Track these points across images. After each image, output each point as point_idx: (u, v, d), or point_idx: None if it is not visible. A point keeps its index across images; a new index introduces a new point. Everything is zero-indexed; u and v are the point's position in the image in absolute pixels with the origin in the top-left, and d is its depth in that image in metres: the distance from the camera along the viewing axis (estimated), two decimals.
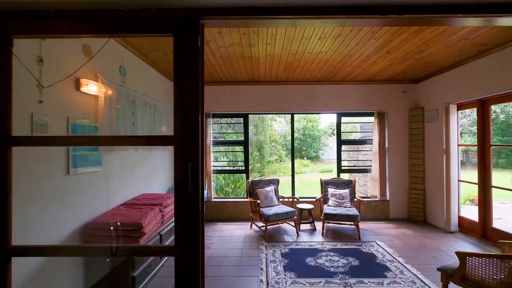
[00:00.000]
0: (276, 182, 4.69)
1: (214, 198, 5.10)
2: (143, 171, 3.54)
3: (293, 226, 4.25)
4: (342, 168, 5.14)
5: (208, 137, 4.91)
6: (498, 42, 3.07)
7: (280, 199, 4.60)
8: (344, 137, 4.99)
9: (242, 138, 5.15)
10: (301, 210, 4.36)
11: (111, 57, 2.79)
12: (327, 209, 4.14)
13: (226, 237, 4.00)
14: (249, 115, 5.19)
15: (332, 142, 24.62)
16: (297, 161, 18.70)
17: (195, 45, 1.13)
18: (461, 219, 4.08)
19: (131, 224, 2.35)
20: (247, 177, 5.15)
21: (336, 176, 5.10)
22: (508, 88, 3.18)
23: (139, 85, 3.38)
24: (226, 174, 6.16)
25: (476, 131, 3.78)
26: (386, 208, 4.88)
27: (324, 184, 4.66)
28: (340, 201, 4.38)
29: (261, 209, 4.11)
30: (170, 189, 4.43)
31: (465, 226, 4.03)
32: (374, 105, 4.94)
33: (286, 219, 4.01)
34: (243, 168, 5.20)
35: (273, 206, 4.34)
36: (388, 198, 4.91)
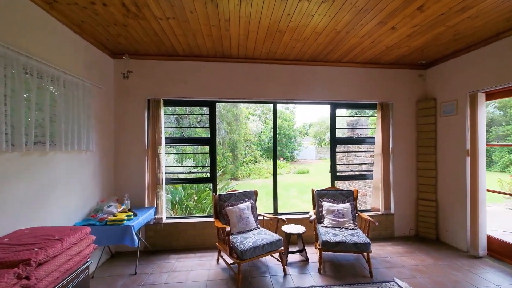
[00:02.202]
0: (253, 195, 3.40)
1: (167, 218, 3.67)
2: (24, 190, 2.02)
3: (278, 260, 3.01)
4: (338, 174, 4.03)
5: (157, 134, 3.47)
6: None
7: (259, 217, 3.34)
8: (339, 133, 3.91)
9: (208, 135, 3.78)
10: (289, 235, 3.14)
11: None
12: (324, 233, 2.97)
13: (178, 285, 2.62)
14: (217, 103, 3.84)
15: (307, 142, 24.19)
16: (272, 162, 17.69)
17: None
18: (489, 240, 3.18)
19: None
20: (214, 189, 3.79)
21: (330, 186, 3.98)
22: None
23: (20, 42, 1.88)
24: (187, 184, 4.71)
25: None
26: (391, 224, 3.88)
27: (317, 197, 3.50)
28: (339, 220, 3.24)
29: (232, 238, 2.80)
30: (91, 211, 2.91)
31: (495, 249, 3.13)
32: (377, 94, 3.90)
33: (270, 252, 2.74)
34: (209, 175, 3.83)
35: (250, 230, 3.06)
36: (392, 211, 3.91)
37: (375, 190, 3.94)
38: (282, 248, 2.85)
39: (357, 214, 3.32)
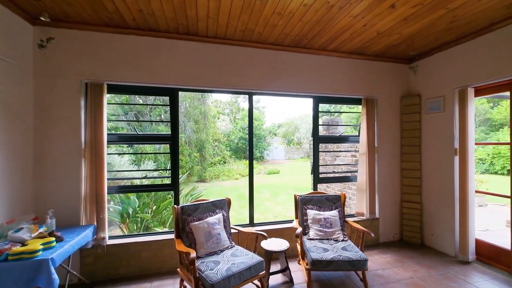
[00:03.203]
0: (225, 205, 2.77)
1: (113, 238, 2.84)
2: None
3: (257, 287, 2.42)
4: (321, 176, 3.60)
5: (99, 128, 2.63)
6: None
7: (233, 230, 2.72)
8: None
9: (169, 131, 3.05)
10: (271, 253, 2.58)
11: None
12: (312, 249, 2.48)
13: None
14: (180, 92, 3.11)
15: (276, 142, 24.11)
16: (242, 163, 17.11)
17: None
18: (477, 244, 3.02)
19: None
20: (175, 199, 3.06)
21: (313, 189, 3.54)
22: None
23: None
24: (142, 192, 3.79)
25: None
26: (376, 229, 3.57)
27: (301, 204, 3.01)
28: (327, 230, 2.78)
29: (199, 264, 2.14)
30: None
31: (483, 253, 2.97)
32: (362, 88, 3.57)
33: (249, 279, 2.15)
34: (169, 180, 3.08)
35: (222, 251, 2.42)
36: (377, 215, 3.61)
37: (359, 193, 3.60)
38: (264, 272, 2.27)
39: (345, 222, 2.91)
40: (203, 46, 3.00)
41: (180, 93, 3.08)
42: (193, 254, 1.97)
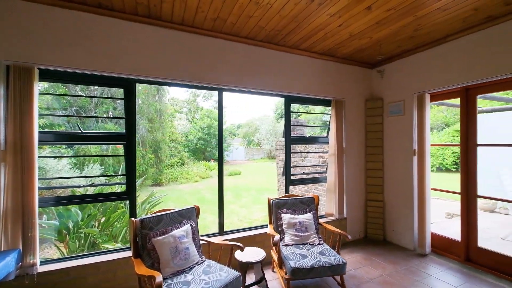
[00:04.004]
0: (193, 214, 2.44)
1: (48, 262, 2.26)
2: None
3: None
4: (292, 178, 3.50)
5: (29, 125, 2.05)
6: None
7: (202, 242, 2.42)
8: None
9: (120, 130, 2.57)
10: (246, 265, 2.34)
11: None
12: (290, 257, 2.33)
13: None
14: (137, 84, 2.66)
15: (236, 143, 23.89)
16: (201, 164, 16.40)
17: None
18: (432, 237, 3.28)
19: None
20: (132, 210, 2.60)
21: (285, 192, 3.42)
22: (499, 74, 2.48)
23: None
24: (87, 203, 3.05)
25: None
26: (344, 228, 3.63)
27: (275, 208, 2.85)
28: (302, 235, 2.68)
29: (165, 286, 1.79)
30: None
31: (438, 246, 3.24)
32: (332, 90, 3.60)
33: None
34: (124, 187, 2.60)
35: (192, 267, 2.11)
36: (345, 215, 3.68)
37: (329, 194, 3.62)
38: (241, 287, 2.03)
39: (319, 225, 2.85)
40: (167, 33, 2.62)
41: (137, 86, 2.63)
42: (159, 278, 1.63)
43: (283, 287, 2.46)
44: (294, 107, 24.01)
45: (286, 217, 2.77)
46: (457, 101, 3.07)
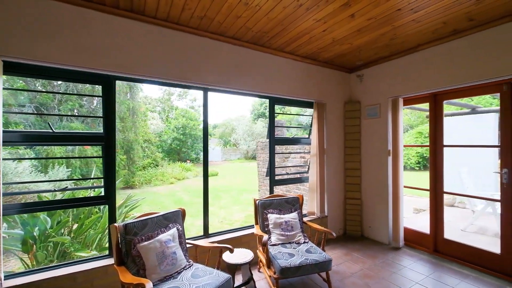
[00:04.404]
0: (179, 217, 2.37)
1: (12, 276, 2.03)
2: None
3: None
4: (276, 178, 3.55)
5: None
6: (485, 18, 2.49)
7: (188, 245, 2.36)
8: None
9: (101, 130, 2.41)
10: (235, 267, 2.33)
11: None
12: (278, 256, 2.36)
13: None
14: (117, 82, 2.51)
15: (213, 143, 23.52)
16: (177, 165, 15.89)
17: None
18: (405, 231, 3.54)
19: None
20: (111, 215, 2.43)
21: (270, 193, 3.45)
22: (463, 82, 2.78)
23: None
24: (58, 209, 2.70)
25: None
26: (325, 226, 3.76)
27: (261, 208, 2.87)
28: (288, 234, 2.73)
29: None
30: None
31: (410, 239, 3.50)
32: (314, 92, 3.72)
33: None
34: (102, 191, 2.43)
35: (180, 272, 2.04)
36: (326, 213, 3.82)
37: (310, 193, 3.73)
38: None
39: (304, 223, 2.93)
40: (151, 28, 2.51)
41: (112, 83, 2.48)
42: (149, 285, 1.55)
43: (271, 286, 2.48)
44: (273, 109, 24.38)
45: (272, 217, 2.80)
46: (426, 105, 3.35)
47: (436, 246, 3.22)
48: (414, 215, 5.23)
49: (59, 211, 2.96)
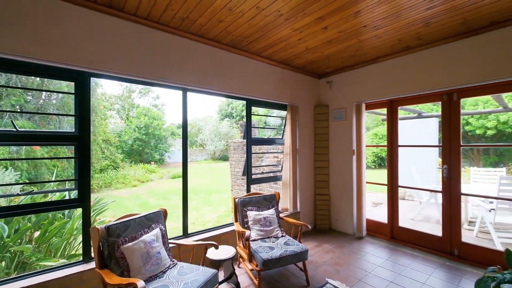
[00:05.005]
0: (161, 217, 2.36)
1: None
2: None
3: None
4: (253, 177, 3.69)
5: None
6: (431, 38, 2.97)
7: (172, 245, 2.36)
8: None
9: (73, 129, 2.28)
10: (219, 262, 2.40)
11: None
12: (259, 250, 2.50)
13: None
14: (92, 79, 2.39)
15: (178, 144, 22.70)
16: (140, 167, 15.02)
17: None
18: (367, 222, 3.97)
19: None
20: (85, 219, 2.31)
21: (247, 191, 3.57)
22: (415, 90, 3.28)
23: None
24: (19, 215, 2.39)
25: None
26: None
27: (241, 206, 2.98)
28: (267, 229, 2.89)
29: None
30: None
31: (371, 229, 3.94)
32: (288, 96, 3.95)
33: None
34: (75, 193, 2.29)
35: (165, 272, 2.05)
36: (299, 209, 4.08)
37: (284, 190, 3.96)
38: (217, 284, 2.09)
39: (281, 219, 3.11)
40: (130, 26, 2.45)
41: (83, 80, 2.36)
42: (141, 283, 1.55)
43: (252, 279, 2.61)
44: (237, 109, 24.44)
45: (252, 214, 2.93)
46: (384, 110, 3.82)
47: (392, 234, 3.69)
48: (373, 208, 5.83)
49: (17, 218, 2.67)
